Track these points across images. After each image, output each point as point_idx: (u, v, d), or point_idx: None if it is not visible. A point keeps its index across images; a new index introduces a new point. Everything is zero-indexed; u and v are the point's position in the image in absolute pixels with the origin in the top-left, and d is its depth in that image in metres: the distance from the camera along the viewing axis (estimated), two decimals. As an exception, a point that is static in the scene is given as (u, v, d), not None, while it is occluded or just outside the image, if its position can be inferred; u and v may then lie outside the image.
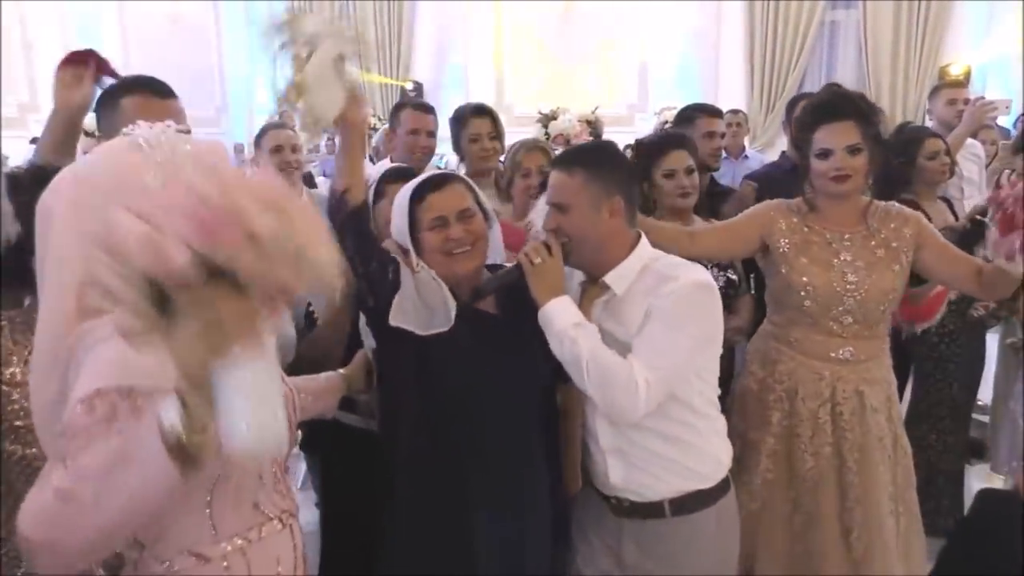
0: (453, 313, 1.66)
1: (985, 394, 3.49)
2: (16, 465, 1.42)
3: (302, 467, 3.32)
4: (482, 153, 3.05)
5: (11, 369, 1.41)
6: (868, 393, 2.17)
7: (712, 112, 3.27)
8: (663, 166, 2.55)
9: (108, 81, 2.01)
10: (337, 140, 1.87)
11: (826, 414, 2.16)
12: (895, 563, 2.16)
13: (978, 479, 3.44)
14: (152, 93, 1.85)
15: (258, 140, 3.42)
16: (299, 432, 1.60)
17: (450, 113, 3.24)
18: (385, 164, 3.03)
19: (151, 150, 1.02)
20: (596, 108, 5.24)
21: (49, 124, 2.01)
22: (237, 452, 0.87)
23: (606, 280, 1.76)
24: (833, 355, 2.17)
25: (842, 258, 2.15)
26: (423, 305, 1.64)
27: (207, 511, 1.24)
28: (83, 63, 1.97)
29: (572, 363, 1.63)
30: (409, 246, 1.70)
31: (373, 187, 2.14)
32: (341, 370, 1.83)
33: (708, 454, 1.80)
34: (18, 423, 1.41)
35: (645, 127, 7.46)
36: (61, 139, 1.99)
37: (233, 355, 0.84)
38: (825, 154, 2.12)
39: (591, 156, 1.84)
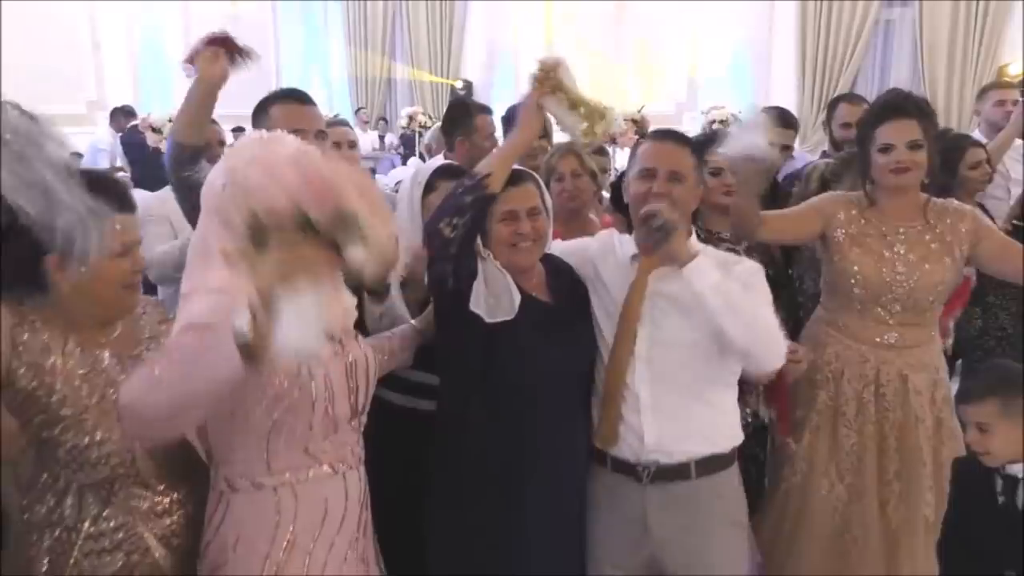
0: (517, 302, 1.78)
1: None
2: (68, 453, 1.50)
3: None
4: (530, 151, 3.14)
5: (51, 359, 1.48)
6: (912, 377, 2.27)
7: (782, 122, 3.35)
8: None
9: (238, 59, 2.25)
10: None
11: (870, 394, 2.27)
12: (934, 535, 2.21)
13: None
14: (295, 101, 2.24)
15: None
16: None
17: (501, 112, 3.34)
18: (438, 160, 3.12)
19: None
20: (642, 107, 5.31)
21: (189, 97, 2.21)
22: (283, 353, 1.13)
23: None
24: (879, 340, 2.28)
25: (895, 250, 2.25)
26: (489, 293, 1.77)
27: (264, 448, 1.48)
28: (220, 43, 2.19)
29: (727, 312, 1.75)
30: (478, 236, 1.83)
31: (424, 181, 2.25)
32: (413, 321, 1.99)
33: (733, 421, 1.95)
34: (65, 412, 1.48)
35: (694, 126, 7.48)
36: (197, 111, 2.21)
37: (297, 286, 1.12)
38: (888, 148, 2.23)
39: (692, 140, 2.06)
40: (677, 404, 1.86)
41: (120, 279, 1.54)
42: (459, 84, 11.37)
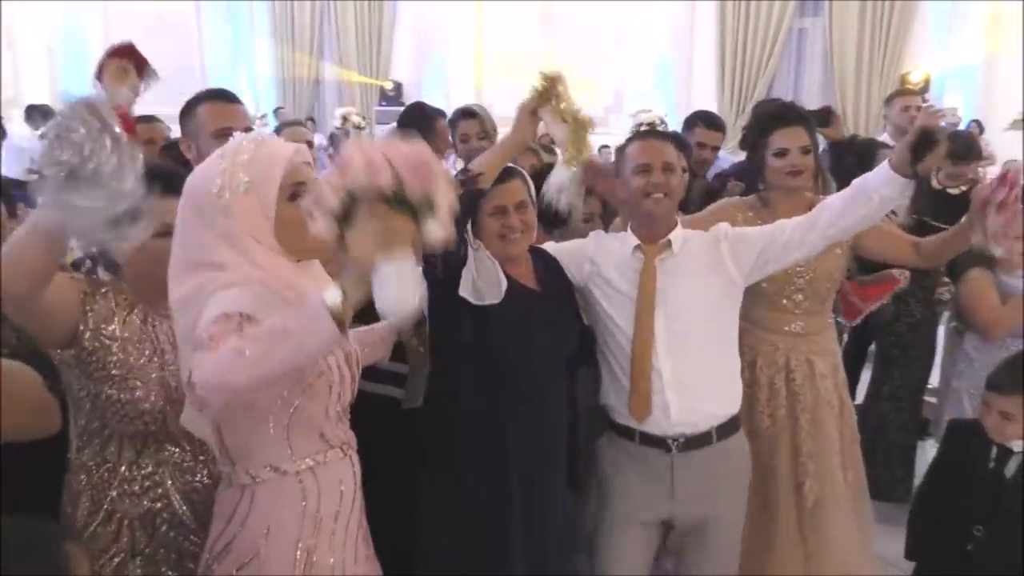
0: (504, 288, 1.94)
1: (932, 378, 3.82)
2: (113, 406, 1.67)
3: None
4: (470, 153, 3.31)
5: (111, 326, 1.67)
6: (817, 362, 2.48)
7: (711, 124, 3.58)
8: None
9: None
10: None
11: (781, 380, 2.46)
12: (848, 514, 2.46)
13: (924, 452, 3.77)
14: (222, 100, 2.22)
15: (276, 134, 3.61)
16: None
17: None
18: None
19: None
20: (579, 110, 5.53)
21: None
22: (386, 313, 1.26)
23: (671, 237, 2.11)
24: (787, 329, 2.48)
25: None
26: (479, 279, 1.93)
27: (286, 436, 1.53)
28: (124, 54, 2.19)
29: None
30: (469, 227, 1.97)
31: None
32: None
33: (738, 381, 2.19)
34: (115, 372, 1.65)
35: (621, 129, 7.76)
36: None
37: (393, 252, 1.24)
38: (782, 153, 2.44)
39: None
40: (696, 373, 2.07)
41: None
42: (388, 85, 11.41)
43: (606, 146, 8.59)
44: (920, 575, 2.41)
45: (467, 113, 3.42)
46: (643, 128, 4.50)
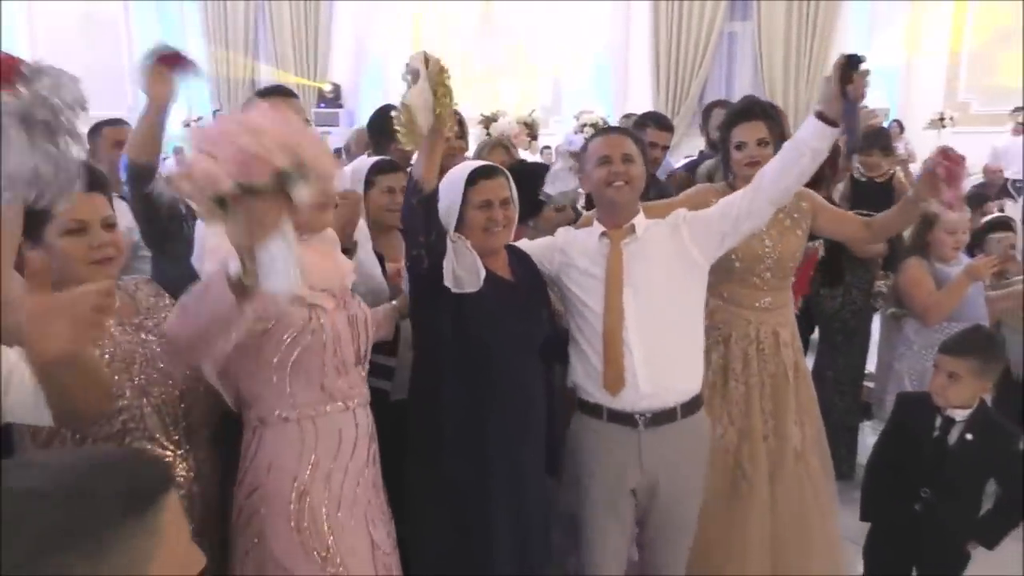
0: (482, 277, 2.04)
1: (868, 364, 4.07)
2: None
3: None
4: (450, 151, 3.38)
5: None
6: (781, 332, 2.70)
7: (661, 125, 3.73)
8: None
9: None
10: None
11: (752, 351, 2.66)
12: (808, 459, 2.68)
13: (865, 433, 4.01)
14: (280, 96, 2.32)
15: None
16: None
17: (369, 115, 3.53)
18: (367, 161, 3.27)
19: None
20: (533, 111, 5.68)
21: (141, 117, 2.22)
22: (266, 291, 1.39)
23: (634, 222, 2.24)
24: (757, 304, 2.68)
25: (760, 229, 2.61)
26: (459, 269, 2.02)
27: (287, 386, 1.75)
28: (167, 61, 2.18)
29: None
30: (453, 219, 2.07)
31: (363, 179, 2.46)
32: (394, 302, 2.27)
33: (701, 361, 2.32)
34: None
35: (560, 130, 7.90)
36: (148, 130, 2.22)
37: (261, 237, 1.35)
38: (741, 146, 2.64)
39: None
40: (663, 350, 2.20)
41: (83, 257, 1.60)
42: (327, 87, 11.36)
43: (547, 147, 8.75)
44: (873, 535, 2.60)
45: None
46: (586, 128, 4.66)
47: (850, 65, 2.11)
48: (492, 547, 2.08)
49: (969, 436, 2.36)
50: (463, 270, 2.04)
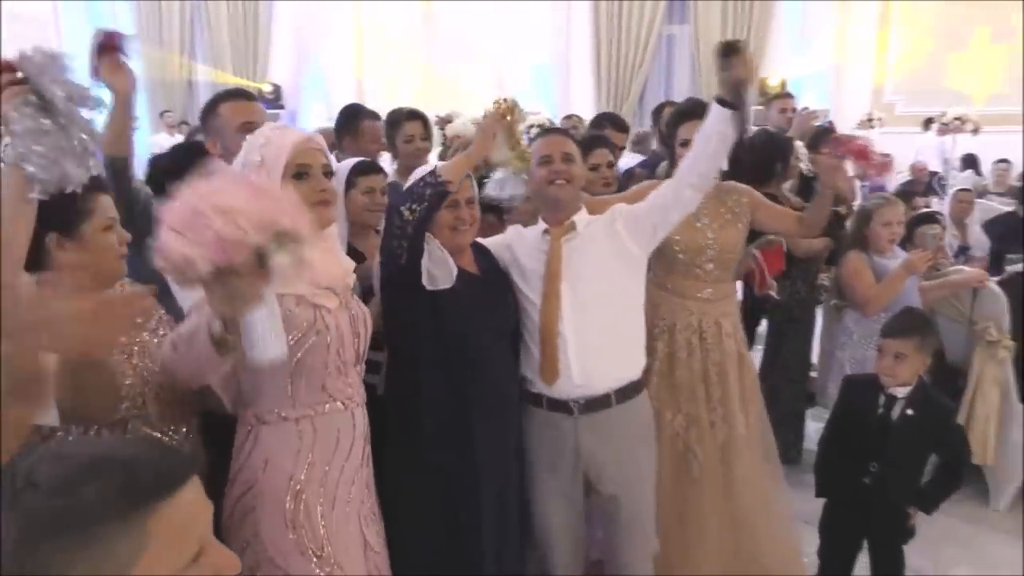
0: (454, 274, 2.13)
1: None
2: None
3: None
4: (416, 152, 3.45)
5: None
6: (723, 323, 2.83)
7: (619, 127, 3.84)
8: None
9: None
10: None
11: (696, 340, 2.79)
12: (754, 442, 2.82)
13: (811, 419, 4.21)
14: (243, 99, 2.38)
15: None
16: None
17: (310, 116, 3.60)
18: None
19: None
20: (485, 112, 5.73)
21: (111, 111, 2.16)
22: (250, 359, 1.49)
23: (575, 219, 2.35)
24: (699, 295, 2.81)
25: (702, 222, 2.78)
26: (432, 267, 2.11)
27: (289, 386, 1.76)
28: (108, 48, 2.11)
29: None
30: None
31: (344, 179, 2.50)
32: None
33: (641, 349, 2.42)
34: None
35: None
36: (118, 123, 2.21)
37: (241, 310, 1.41)
38: (687, 143, 2.71)
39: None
40: (597, 338, 2.31)
41: (116, 250, 1.76)
42: (267, 87, 11.20)
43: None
44: (828, 510, 2.76)
45: (413, 115, 3.58)
46: (532, 128, 4.78)
47: (725, 52, 2.22)
48: (480, 534, 2.16)
49: (910, 411, 2.54)
50: (436, 268, 2.13)
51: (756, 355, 4.31)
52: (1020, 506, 3.67)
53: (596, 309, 2.33)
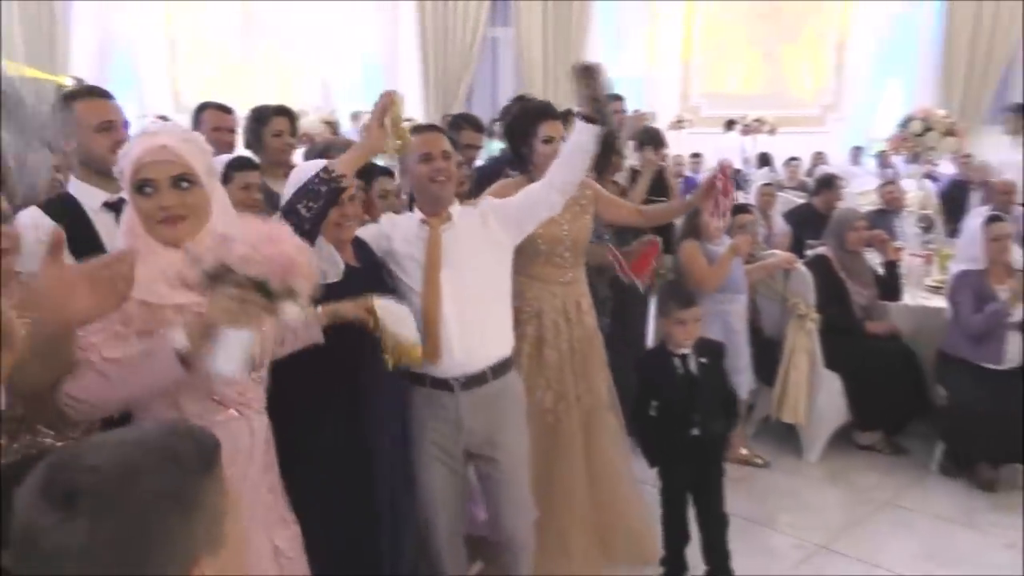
0: (342, 268, 2.23)
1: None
2: None
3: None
4: (284, 147, 3.45)
5: None
6: (582, 302, 3.10)
7: (477, 127, 3.99)
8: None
9: None
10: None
11: (562, 321, 3.04)
12: (613, 409, 3.11)
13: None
14: (99, 96, 2.29)
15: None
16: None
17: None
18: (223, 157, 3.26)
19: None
20: (333, 110, 5.74)
21: None
22: (213, 369, 1.49)
23: (451, 211, 2.51)
24: (561, 280, 3.06)
25: (558, 215, 2.95)
26: (322, 262, 2.17)
27: (174, 399, 1.67)
28: None
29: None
30: None
31: (220, 173, 2.51)
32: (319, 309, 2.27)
33: (510, 329, 2.61)
34: None
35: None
36: None
37: (239, 325, 1.46)
38: (550, 140, 2.97)
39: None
40: (475, 320, 2.48)
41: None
42: (68, 81, 10.39)
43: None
44: (664, 476, 3.03)
45: (281, 111, 3.59)
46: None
47: (583, 72, 2.47)
48: (375, 511, 2.27)
49: (704, 360, 2.91)
50: (324, 263, 2.21)
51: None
52: (829, 456, 4.23)
53: (473, 293, 2.49)
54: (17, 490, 0.82)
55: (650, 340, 4.44)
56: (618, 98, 5.06)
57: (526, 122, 3.04)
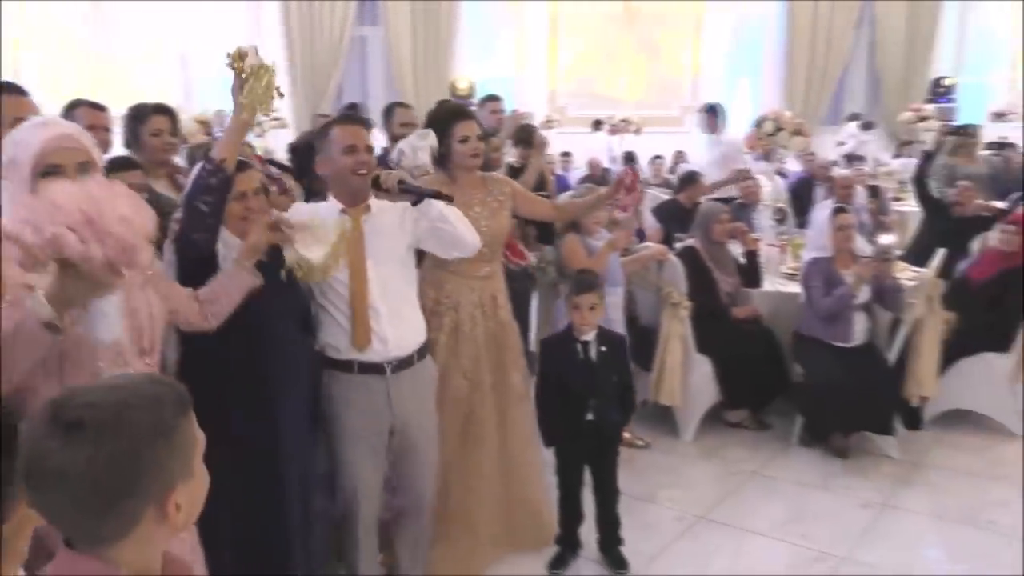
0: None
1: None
2: None
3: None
4: (164, 147, 3.35)
5: None
6: (498, 296, 3.23)
7: (357, 121, 4.00)
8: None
9: None
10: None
11: (479, 313, 3.15)
12: (523, 402, 3.24)
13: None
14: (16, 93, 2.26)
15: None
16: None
17: None
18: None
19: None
20: (218, 111, 5.56)
21: None
22: (94, 339, 1.59)
23: (370, 203, 2.56)
24: (478, 274, 3.16)
25: (476, 212, 3.10)
26: (230, 255, 2.21)
27: (60, 378, 1.68)
28: None
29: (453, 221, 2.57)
30: None
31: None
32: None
33: (422, 314, 2.75)
34: None
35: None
36: None
37: (104, 294, 1.53)
38: (466, 140, 3.06)
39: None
40: (401, 308, 2.58)
41: None
42: None
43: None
44: (559, 455, 3.21)
45: (160, 109, 3.51)
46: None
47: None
48: (284, 501, 2.32)
49: (603, 348, 3.10)
50: (231, 254, 2.24)
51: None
52: (702, 435, 4.53)
53: (395, 280, 2.58)
54: (24, 422, 0.99)
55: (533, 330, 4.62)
56: (496, 99, 5.19)
57: (442, 123, 3.12)
